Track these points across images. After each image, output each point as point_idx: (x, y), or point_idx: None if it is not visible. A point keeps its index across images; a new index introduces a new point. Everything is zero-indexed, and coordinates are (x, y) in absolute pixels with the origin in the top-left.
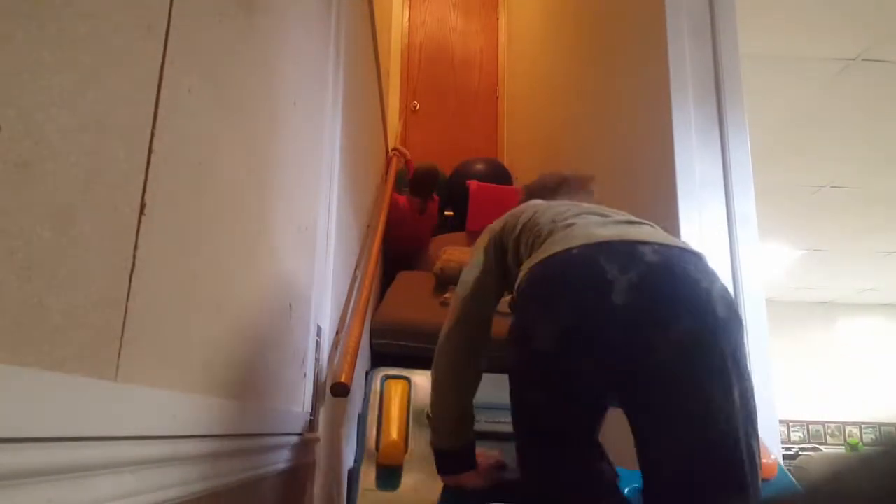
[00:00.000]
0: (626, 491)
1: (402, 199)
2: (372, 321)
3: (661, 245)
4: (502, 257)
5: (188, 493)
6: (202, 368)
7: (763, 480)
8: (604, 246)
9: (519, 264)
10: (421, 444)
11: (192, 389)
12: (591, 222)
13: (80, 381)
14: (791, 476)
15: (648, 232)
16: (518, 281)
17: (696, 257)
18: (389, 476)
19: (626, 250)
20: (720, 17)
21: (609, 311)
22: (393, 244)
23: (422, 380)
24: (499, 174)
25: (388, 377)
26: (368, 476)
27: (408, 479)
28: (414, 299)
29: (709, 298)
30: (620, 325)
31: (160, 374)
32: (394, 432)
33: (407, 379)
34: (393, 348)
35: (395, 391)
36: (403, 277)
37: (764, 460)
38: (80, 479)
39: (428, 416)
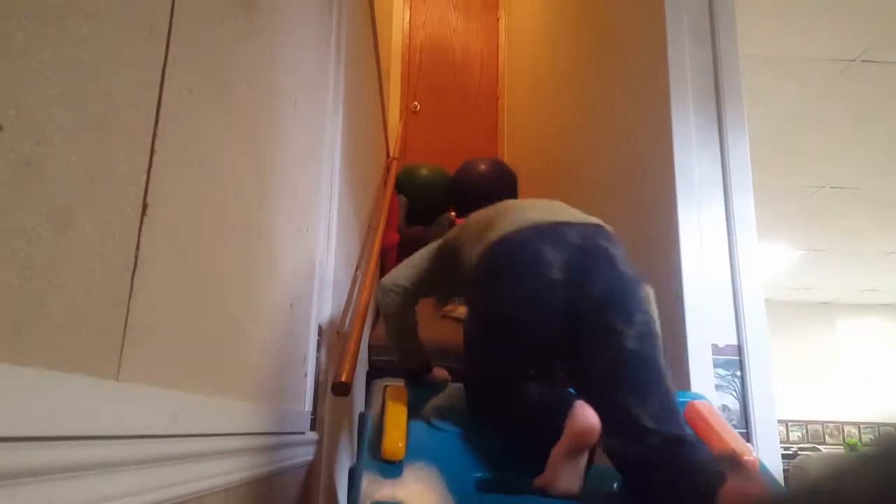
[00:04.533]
0: (615, 485)
1: (393, 246)
2: (371, 337)
3: (580, 225)
4: (448, 256)
5: (189, 492)
6: (203, 368)
7: None
8: (538, 229)
9: (466, 251)
10: (421, 442)
11: (193, 389)
12: (520, 208)
13: (81, 380)
14: (773, 475)
15: (570, 214)
16: (477, 261)
17: (605, 232)
18: (391, 468)
19: (555, 232)
20: (720, 17)
21: (552, 283)
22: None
23: (420, 388)
24: (502, 175)
25: (388, 385)
26: (372, 469)
27: (410, 471)
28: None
29: (616, 267)
30: (560, 291)
31: (161, 374)
32: (394, 431)
33: (406, 387)
34: (393, 365)
35: (397, 396)
36: None
37: (747, 457)
38: (81, 479)
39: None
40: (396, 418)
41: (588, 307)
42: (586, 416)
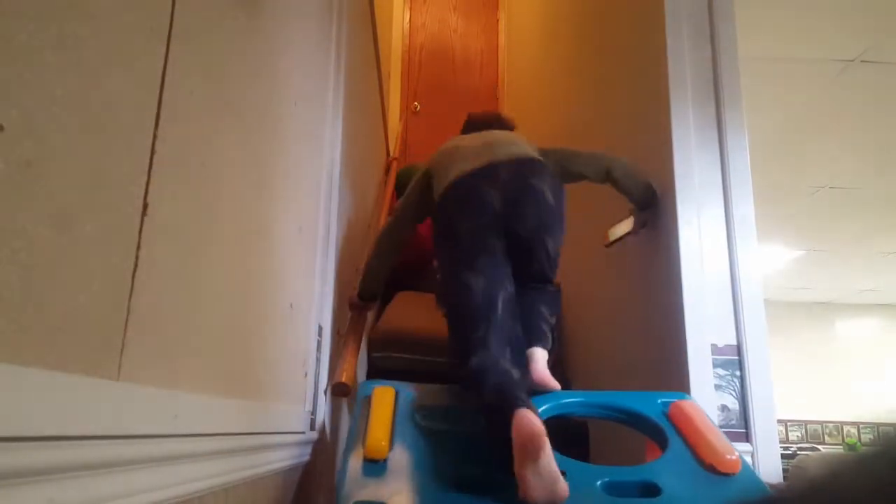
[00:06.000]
0: (598, 483)
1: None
2: (370, 333)
3: (511, 162)
4: (427, 188)
5: (189, 491)
6: (203, 368)
7: (725, 476)
8: (480, 173)
9: (439, 181)
10: (406, 442)
11: (193, 389)
12: (475, 157)
13: (81, 380)
14: (756, 473)
15: (504, 152)
16: (439, 199)
17: (535, 164)
18: (375, 468)
19: (492, 173)
20: (719, 18)
21: (495, 212)
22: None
23: (407, 389)
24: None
25: (376, 385)
26: (355, 469)
27: (393, 471)
28: (413, 313)
29: (543, 195)
30: (501, 219)
31: (162, 374)
32: (378, 430)
33: (394, 388)
34: (392, 361)
35: (383, 396)
36: (402, 296)
37: (728, 457)
38: (81, 479)
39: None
40: (381, 417)
41: (521, 229)
42: (528, 423)
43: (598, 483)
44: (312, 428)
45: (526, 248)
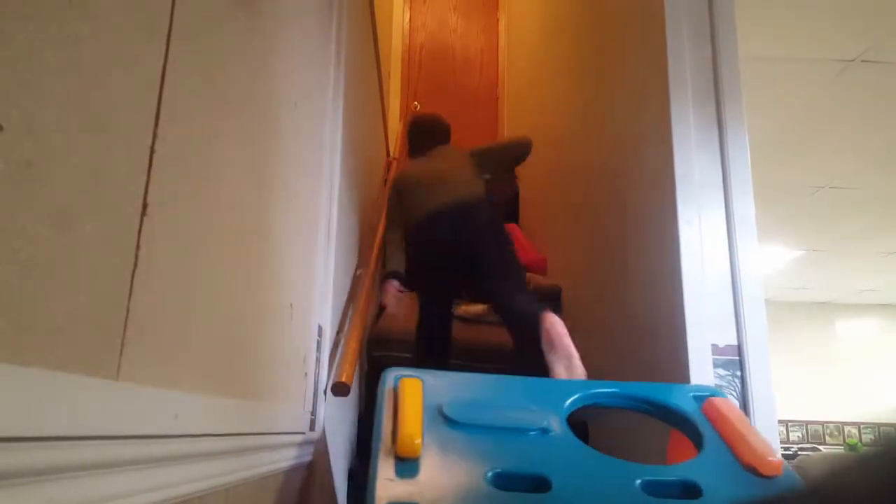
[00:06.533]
0: (636, 482)
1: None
2: (371, 332)
3: (455, 205)
4: (399, 201)
5: (189, 491)
6: (203, 368)
7: (766, 478)
8: (436, 217)
9: (408, 213)
10: (436, 437)
11: (193, 389)
12: (430, 197)
13: (81, 380)
14: (799, 478)
15: (451, 195)
16: (410, 230)
17: (472, 203)
18: (407, 467)
19: (443, 215)
20: (719, 18)
21: (447, 246)
22: None
23: (433, 379)
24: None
25: (401, 376)
26: (387, 468)
27: (425, 469)
28: (413, 313)
29: (479, 223)
30: (452, 250)
31: (161, 374)
32: (410, 426)
33: (420, 378)
34: (393, 360)
35: (411, 389)
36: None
37: (769, 459)
38: (81, 479)
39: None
40: (411, 412)
41: (467, 252)
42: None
43: (637, 482)
44: (312, 428)
45: (476, 264)
